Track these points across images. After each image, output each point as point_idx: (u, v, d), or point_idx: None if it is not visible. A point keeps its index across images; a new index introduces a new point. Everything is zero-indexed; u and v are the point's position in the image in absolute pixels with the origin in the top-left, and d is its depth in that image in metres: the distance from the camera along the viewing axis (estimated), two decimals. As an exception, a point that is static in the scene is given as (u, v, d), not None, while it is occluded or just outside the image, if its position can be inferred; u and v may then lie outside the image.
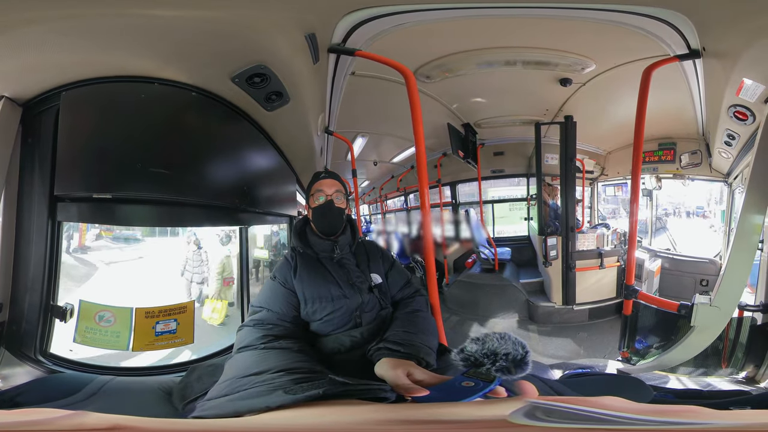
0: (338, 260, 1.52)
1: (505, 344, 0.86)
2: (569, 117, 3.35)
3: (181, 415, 1.23)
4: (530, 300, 3.64)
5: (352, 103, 2.79)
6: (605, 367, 2.78)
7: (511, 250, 4.06)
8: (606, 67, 2.82)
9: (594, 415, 0.72)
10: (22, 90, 1.74)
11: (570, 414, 0.73)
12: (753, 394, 2.02)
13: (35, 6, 1.39)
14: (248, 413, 0.81)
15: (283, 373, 0.98)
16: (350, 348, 1.37)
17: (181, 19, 1.56)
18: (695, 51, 2.09)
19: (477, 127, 3.62)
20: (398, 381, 0.96)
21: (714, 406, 1.27)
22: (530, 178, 3.89)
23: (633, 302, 2.60)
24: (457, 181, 4.10)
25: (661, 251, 3.73)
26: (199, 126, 1.99)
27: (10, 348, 1.82)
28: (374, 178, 4.32)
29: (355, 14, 1.87)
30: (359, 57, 2.08)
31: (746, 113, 2.28)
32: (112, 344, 1.98)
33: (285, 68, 1.92)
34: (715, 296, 2.11)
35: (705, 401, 1.75)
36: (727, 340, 2.43)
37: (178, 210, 2.05)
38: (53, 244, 1.89)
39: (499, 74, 2.85)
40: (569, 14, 1.98)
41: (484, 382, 0.83)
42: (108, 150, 1.79)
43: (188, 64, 1.81)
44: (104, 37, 1.58)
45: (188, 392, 1.31)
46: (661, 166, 3.58)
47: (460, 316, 3.64)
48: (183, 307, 2.11)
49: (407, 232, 3.55)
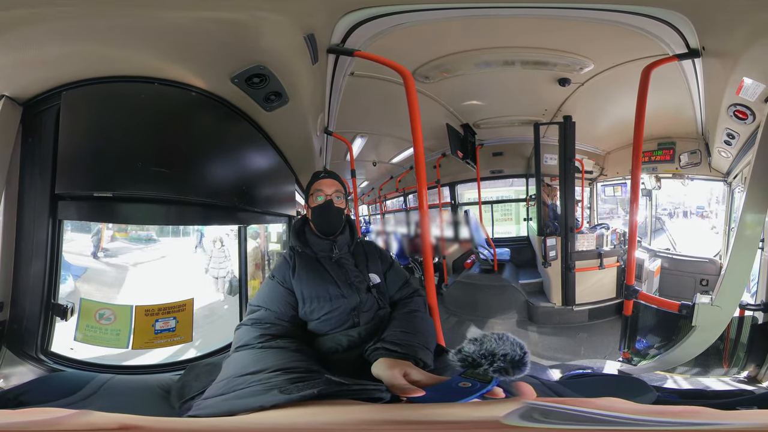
0: (337, 260, 1.52)
1: (503, 345, 0.86)
2: (568, 117, 3.35)
3: (177, 414, 1.22)
4: (530, 301, 3.63)
5: (352, 104, 2.79)
6: (604, 367, 2.78)
7: (510, 250, 4.06)
8: (604, 67, 2.83)
9: (595, 416, 0.71)
10: (22, 89, 1.74)
11: (569, 415, 0.72)
12: (756, 394, 2.02)
13: (35, 6, 1.39)
14: (242, 412, 0.81)
15: (280, 373, 0.97)
16: (348, 348, 1.37)
17: (181, 19, 1.56)
18: (694, 50, 2.09)
19: (476, 127, 3.63)
20: (394, 381, 0.96)
21: (718, 406, 1.26)
22: (529, 179, 3.89)
23: (633, 302, 2.59)
24: (457, 182, 4.10)
25: (661, 251, 3.72)
26: (198, 126, 1.99)
27: (12, 347, 1.82)
28: (373, 179, 4.32)
29: (354, 14, 1.87)
30: (358, 57, 2.09)
31: (746, 112, 2.28)
32: (112, 342, 1.98)
33: (284, 69, 1.92)
34: (716, 296, 2.11)
35: (709, 401, 1.75)
36: (728, 339, 2.42)
37: (177, 209, 2.05)
38: (54, 242, 1.89)
39: (498, 74, 2.85)
40: (567, 14, 1.98)
41: (482, 383, 0.83)
42: (108, 149, 1.79)
43: (188, 65, 1.82)
44: (105, 37, 1.58)
45: (186, 391, 1.31)
46: (660, 166, 3.58)
47: (459, 317, 3.63)
48: (182, 305, 2.11)
49: (406, 233, 3.55)
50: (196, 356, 2.16)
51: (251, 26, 1.65)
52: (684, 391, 2.14)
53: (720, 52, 2.05)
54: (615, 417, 0.71)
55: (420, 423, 0.73)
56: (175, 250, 3.22)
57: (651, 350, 2.65)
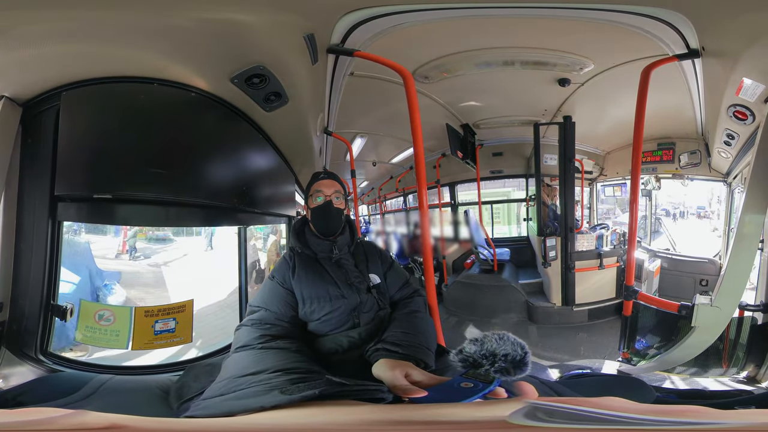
0: (336, 260, 1.52)
1: (504, 345, 0.86)
2: (568, 117, 3.35)
3: (174, 415, 1.22)
4: (529, 301, 3.63)
5: (351, 104, 2.79)
6: (602, 367, 2.77)
7: (510, 250, 4.06)
8: (604, 67, 2.83)
9: (597, 415, 0.71)
10: (22, 90, 1.74)
11: (571, 414, 0.72)
12: (755, 394, 2.02)
13: (35, 6, 1.39)
14: (243, 413, 0.80)
15: (281, 374, 0.98)
16: (348, 348, 1.37)
17: (182, 19, 1.56)
18: (694, 51, 2.08)
19: (476, 127, 3.62)
20: (396, 382, 0.96)
21: (718, 405, 1.26)
22: (529, 179, 3.89)
23: (633, 303, 2.59)
24: (456, 182, 4.10)
25: (661, 251, 3.72)
26: (198, 126, 1.99)
27: (11, 347, 1.82)
28: (373, 179, 4.32)
29: (353, 14, 1.87)
30: (358, 57, 2.08)
31: (746, 113, 2.27)
32: (111, 343, 1.99)
33: (284, 69, 1.92)
34: (715, 296, 2.10)
35: (708, 401, 1.74)
36: (728, 339, 2.42)
37: (177, 210, 2.05)
38: (53, 243, 1.89)
39: (498, 74, 2.85)
40: (567, 14, 1.98)
41: (483, 383, 0.83)
42: (108, 150, 1.79)
43: (188, 65, 1.81)
44: (104, 38, 1.58)
45: (184, 392, 1.30)
46: (660, 166, 3.58)
47: (459, 317, 3.63)
48: (182, 307, 2.11)
49: (406, 233, 3.55)
50: (197, 357, 2.16)
51: (251, 26, 1.65)
52: (683, 391, 2.13)
53: (719, 52, 2.05)
54: (616, 416, 0.71)
55: (424, 423, 0.73)
56: (193, 248, 3.23)
57: (650, 350, 2.65)
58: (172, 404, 1.29)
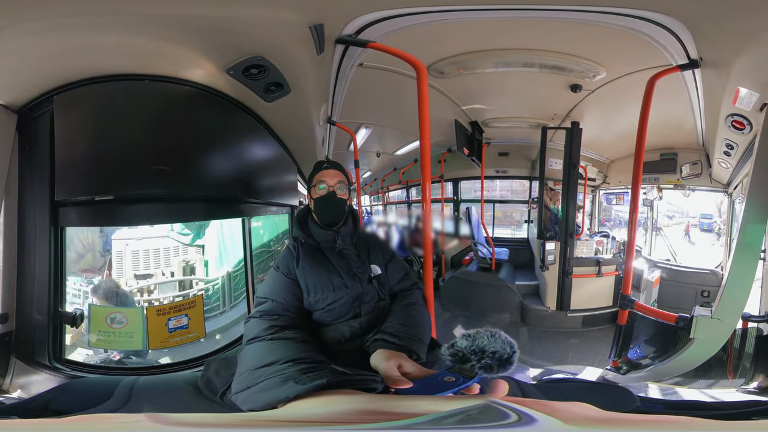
0: (339, 251, 1.51)
1: (494, 342, 0.87)
2: (576, 123, 3.34)
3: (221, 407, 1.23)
4: (524, 302, 3.64)
5: (358, 94, 2.76)
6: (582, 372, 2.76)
7: (509, 250, 4.07)
8: (615, 76, 2.82)
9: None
10: (15, 96, 1.70)
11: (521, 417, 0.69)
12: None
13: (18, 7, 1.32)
14: (275, 404, 0.86)
15: (291, 364, 1.01)
16: (350, 338, 1.38)
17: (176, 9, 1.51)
18: (694, 61, 2.08)
19: (484, 125, 3.62)
20: (388, 372, 0.97)
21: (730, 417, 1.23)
22: (533, 181, 3.89)
23: (629, 312, 2.58)
24: (460, 178, 4.10)
25: (661, 262, 3.73)
26: (196, 120, 1.96)
27: (22, 357, 1.81)
28: (376, 170, 4.32)
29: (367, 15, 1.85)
30: (370, 49, 2.06)
31: (743, 122, 2.26)
32: (126, 345, 1.98)
33: (285, 59, 1.88)
34: (716, 308, 2.09)
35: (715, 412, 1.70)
36: (732, 349, 2.38)
37: (180, 205, 2.04)
38: (57, 250, 1.86)
39: (513, 76, 2.84)
40: (580, 17, 1.95)
41: (465, 378, 0.85)
42: (105, 150, 1.77)
43: (182, 57, 1.77)
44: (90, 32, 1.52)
45: (213, 386, 1.32)
46: (662, 177, 3.59)
47: (452, 312, 3.64)
48: (192, 302, 2.12)
49: (407, 226, 3.54)
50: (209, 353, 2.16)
51: (250, 18, 1.60)
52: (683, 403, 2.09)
53: (715, 61, 2.03)
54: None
55: (386, 414, 0.74)
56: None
57: (644, 360, 2.64)
58: (211, 398, 1.30)
